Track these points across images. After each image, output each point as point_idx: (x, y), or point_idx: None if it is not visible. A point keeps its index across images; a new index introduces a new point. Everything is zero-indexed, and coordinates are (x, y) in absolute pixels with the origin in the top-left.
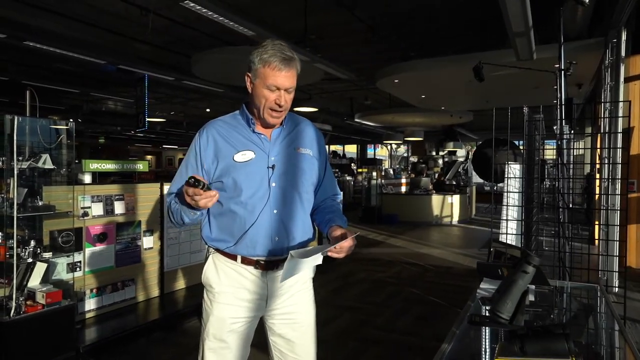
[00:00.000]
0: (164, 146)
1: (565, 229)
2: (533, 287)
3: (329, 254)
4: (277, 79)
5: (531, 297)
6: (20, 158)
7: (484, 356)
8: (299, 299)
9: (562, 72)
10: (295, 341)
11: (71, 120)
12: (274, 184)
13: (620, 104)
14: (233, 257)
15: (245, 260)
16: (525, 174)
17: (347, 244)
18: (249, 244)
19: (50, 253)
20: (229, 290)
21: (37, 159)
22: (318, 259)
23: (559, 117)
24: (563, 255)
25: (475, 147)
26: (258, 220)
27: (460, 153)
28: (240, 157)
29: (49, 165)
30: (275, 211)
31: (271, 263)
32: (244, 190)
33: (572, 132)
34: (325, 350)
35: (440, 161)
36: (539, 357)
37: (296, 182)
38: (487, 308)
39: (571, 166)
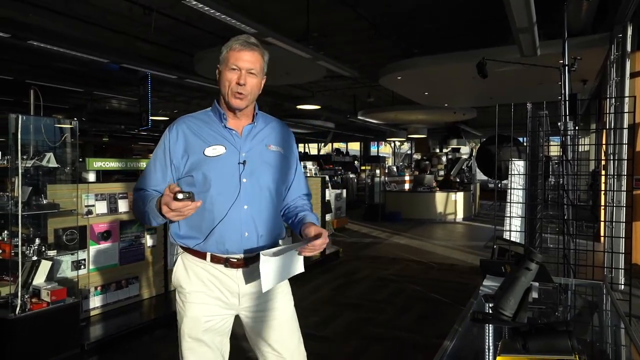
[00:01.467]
0: None
1: (569, 226)
2: (536, 284)
3: (302, 252)
4: (238, 61)
5: (534, 295)
6: (25, 157)
7: (487, 353)
8: (273, 295)
9: (566, 67)
10: (272, 337)
11: (75, 119)
12: (244, 180)
13: (626, 100)
14: (202, 256)
15: (215, 259)
16: (529, 171)
17: (319, 242)
18: (219, 240)
19: (55, 251)
20: (200, 289)
21: (41, 157)
22: (299, 265)
23: (563, 113)
24: (567, 253)
25: (478, 144)
26: (228, 216)
27: (464, 150)
28: (210, 151)
29: (53, 163)
30: (245, 207)
31: (241, 261)
32: (213, 185)
33: (577, 128)
34: (328, 347)
35: (444, 158)
36: (541, 355)
37: (267, 178)
38: (489, 305)
39: (576, 162)
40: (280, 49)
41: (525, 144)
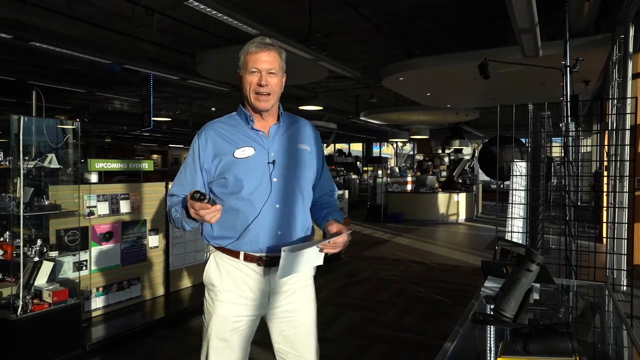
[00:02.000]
0: (170, 145)
1: (570, 227)
2: (538, 285)
3: (324, 249)
4: (257, 63)
5: (536, 296)
6: (27, 158)
7: (488, 355)
8: (300, 297)
9: (568, 68)
10: (296, 339)
11: (77, 120)
12: (275, 179)
13: (628, 101)
14: (235, 255)
15: (248, 257)
16: (530, 172)
17: (341, 239)
18: (252, 239)
19: (57, 252)
20: (231, 289)
21: (43, 158)
22: (318, 259)
23: (564, 115)
24: (569, 254)
25: (481, 145)
26: (260, 215)
27: (467, 151)
28: (240, 153)
29: (55, 164)
30: (277, 206)
31: (274, 259)
32: (245, 186)
33: (579, 129)
34: (331, 348)
35: (447, 159)
36: (542, 356)
37: (296, 176)
38: (490, 307)
39: (579, 163)
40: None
41: (527, 145)
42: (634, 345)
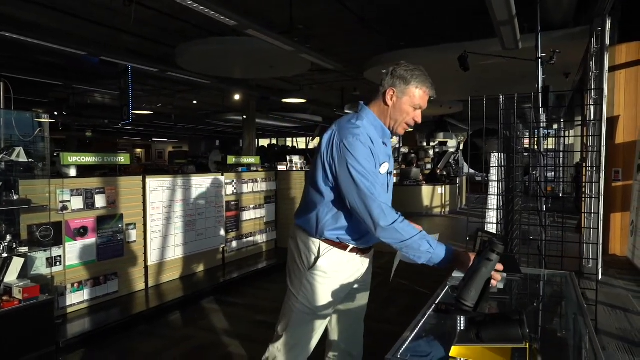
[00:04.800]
0: (153, 139)
1: (541, 217)
2: (504, 275)
3: None
4: (423, 101)
5: (500, 285)
6: None
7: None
8: (368, 286)
9: (540, 59)
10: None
11: (46, 113)
12: (389, 187)
13: (605, 93)
14: (344, 247)
15: (354, 250)
16: (501, 163)
17: None
18: (366, 240)
19: (26, 248)
20: (338, 272)
21: (10, 152)
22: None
23: (535, 106)
24: (540, 244)
25: (465, 138)
26: None
27: (451, 143)
28: (382, 169)
29: (23, 158)
30: None
31: (367, 249)
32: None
33: (562, 121)
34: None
35: (431, 152)
36: (494, 343)
37: (392, 183)
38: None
39: (562, 155)
40: (262, 41)
41: (499, 136)
42: (588, 330)
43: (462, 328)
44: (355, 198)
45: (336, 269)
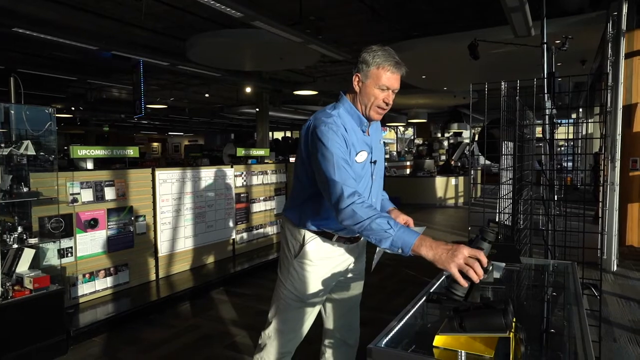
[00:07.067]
0: (169, 133)
1: (547, 207)
2: (502, 264)
3: None
4: (390, 81)
5: (496, 275)
6: (2, 145)
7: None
8: (362, 275)
9: (545, 45)
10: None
11: (52, 106)
12: (374, 177)
13: (621, 80)
14: (330, 236)
15: (340, 239)
16: (505, 151)
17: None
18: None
19: (37, 239)
20: (324, 261)
21: (18, 145)
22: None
23: (537, 94)
24: (546, 234)
25: (480, 128)
26: None
27: (466, 134)
28: (359, 157)
29: (31, 151)
30: (374, 199)
31: (356, 238)
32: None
33: (576, 110)
34: (315, 329)
35: (446, 143)
36: (476, 332)
37: (382, 172)
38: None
39: (579, 144)
40: (272, 34)
41: (502, 125)
42: (580, 320)
43: (447, 318)
44: (321, 184)
45: (322, 256)
